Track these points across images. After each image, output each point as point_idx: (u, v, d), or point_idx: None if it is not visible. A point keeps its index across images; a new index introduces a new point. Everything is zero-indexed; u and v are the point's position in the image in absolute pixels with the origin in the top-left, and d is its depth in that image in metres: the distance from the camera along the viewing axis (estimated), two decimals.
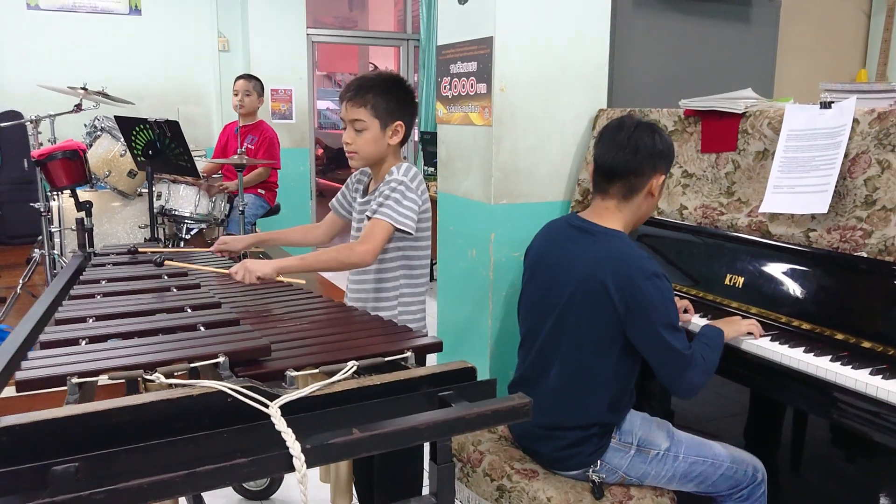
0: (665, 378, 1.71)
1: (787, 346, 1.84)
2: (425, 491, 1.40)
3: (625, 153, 1.76)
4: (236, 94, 4.80)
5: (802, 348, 1.81)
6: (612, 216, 1.82)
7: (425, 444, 1.33)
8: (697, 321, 2.08)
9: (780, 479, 2.31)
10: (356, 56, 12.02)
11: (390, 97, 1.98)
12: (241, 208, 4.14)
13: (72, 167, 3.88)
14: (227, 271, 1.90)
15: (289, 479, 2.69)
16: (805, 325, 1.89)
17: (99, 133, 4.36)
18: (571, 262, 1.78)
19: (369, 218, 1.95)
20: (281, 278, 1.89)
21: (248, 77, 4.85)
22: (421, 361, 1.47)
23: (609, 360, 1.73)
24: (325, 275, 5.58)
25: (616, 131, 1.80)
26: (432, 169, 5.70)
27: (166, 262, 1.84)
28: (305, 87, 6.80)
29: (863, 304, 1.83)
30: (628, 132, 1.77)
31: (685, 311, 2.09)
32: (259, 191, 4.85)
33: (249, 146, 4.76)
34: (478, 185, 2.93)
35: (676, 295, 2.23)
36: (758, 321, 1.95)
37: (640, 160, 1.76)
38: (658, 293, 1.66)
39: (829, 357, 1.74)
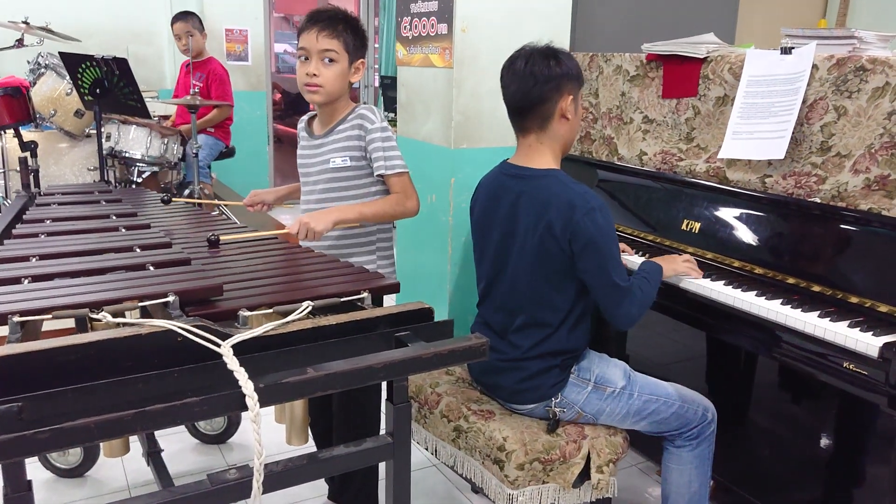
0: (604, 309, 1.76)
1: (740, 289, 1.87)
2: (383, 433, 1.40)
3: (525, 84, 1.75)
4: (178, 38, 4.61)
5: (755, 292, 1.84)
6: (538, 153, 1.81)
7: (383, 386, 1.33)
8: (635, 259, 2.11)
9: (733, 421, 2.37)
10: None
11: (358, 34, 1.93)
12: (194, 151, 4.03)
13: (14, 105, 3.72)
14: (286, 231, 1.84)
15: (245, 422, 2.68)
16: (758, 270, 1.92)
17: (43, 70, 4.16)
18: (516, 214, 1.79)
19: (383, 176, 1.94)
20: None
21: (184, 16, 4.62)
22: (378, 303, 1.46)
23: (569, 295, 1.77)
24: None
25: (513, 64, 1.78)
26: (393, 115, 5.61)
27: (221, 238, 1.73)
28: (262, 27, 6.58)
29: (814, 249, 1.86)
30: (523, 62, 1.76)
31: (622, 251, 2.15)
32: (209, 130, 4.70)
33: (197, 83, 4.60)
34: (438, 129, 2.88)
35: (621, 236, 2.27)
36: (714, 266, 1.98)
37: (541, 87, 1.73)
38: (596, 227, 1.68)
39: (781, 300, 1.78)
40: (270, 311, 1.29)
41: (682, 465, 1.89)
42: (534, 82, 1.74)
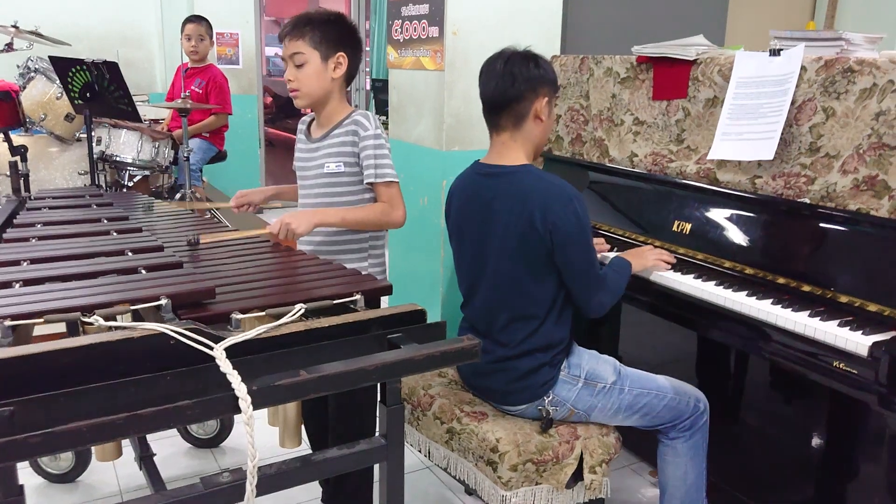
0: (578, 297, 1.80)
1: (730, 290, 1.88)
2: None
3: (503, 82, 1.79)
4: (189, 39, 4.58)
5: (746, 292, 1.85)
6: (511, 151, 1.84)
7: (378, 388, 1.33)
8: (609, 255, 2.13)
9: (724, 420, 2.38)
10: (305, 1, 11.66)
11: (329, 29, 1.90)
12: (185, 155, 4.02)
13: (4, 109, 3.70)
14: (266, 231, 1.83)
15: (238, 426, 2.67)
16: (749, 270, 1.93)
17: (33, 74, 4.15)
18: (493, 211, 1.80)
19: (372, 184, 1.93)
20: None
21: (198, 19, 4.62)
22: (372, 305, 1.45)
23: (550, 286, 1.79)
24: None
25: (492, 64, 1.83)
26: (384, 118, 5.60)
27: (202, 240, 1.73)
28: (253, 31, 6.57)
29: (804, 249, 1.87)
30: (503, 62, 1.80)
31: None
32: (204, 134, 4.70)
33: (196, 90, 4.60)
34: (430, 132, 2.89)
35: (604, 235, 2.28)
36: (705, 266, 1.99)
37: (519, 86, 1.78)
38: (576, 218, 1.72)
39: (771, 300, 1.79)
40: (263, 313, 1.29)
41: (678, 458, 1.89)
42: (512, 81, 1.78)
